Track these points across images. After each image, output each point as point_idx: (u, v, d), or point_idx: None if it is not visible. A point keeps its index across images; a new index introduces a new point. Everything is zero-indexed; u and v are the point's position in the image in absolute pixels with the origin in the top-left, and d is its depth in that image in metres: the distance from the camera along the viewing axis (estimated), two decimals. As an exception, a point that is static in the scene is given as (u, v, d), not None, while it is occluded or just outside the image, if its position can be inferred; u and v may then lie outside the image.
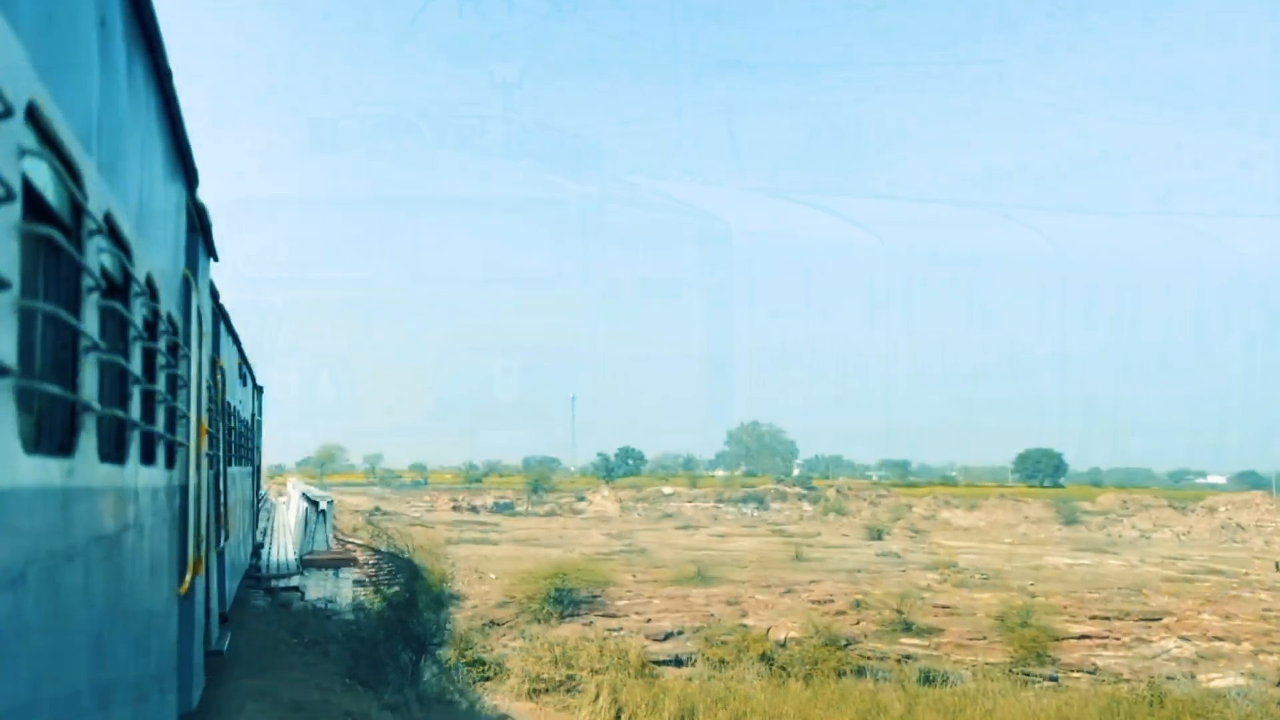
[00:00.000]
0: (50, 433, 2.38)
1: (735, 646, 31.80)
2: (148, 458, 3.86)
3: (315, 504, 13.04)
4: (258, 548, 18.89)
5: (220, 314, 8.61)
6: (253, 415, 15.89)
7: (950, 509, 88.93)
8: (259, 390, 17.78)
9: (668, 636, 33.50)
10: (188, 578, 5.34)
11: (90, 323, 2.60)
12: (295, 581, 12.03)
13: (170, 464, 4.64)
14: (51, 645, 2.19)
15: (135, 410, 3.46)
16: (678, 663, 32.01)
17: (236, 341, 11.17)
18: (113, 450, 3.14)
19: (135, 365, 3.43)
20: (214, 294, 7.92)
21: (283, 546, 15.95)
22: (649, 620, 34.65)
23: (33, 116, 1.97)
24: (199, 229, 5.97)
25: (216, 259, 7.22)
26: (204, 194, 5.88)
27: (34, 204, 2.08)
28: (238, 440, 11.42)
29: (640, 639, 32.66)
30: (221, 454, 8.61)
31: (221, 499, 8.46)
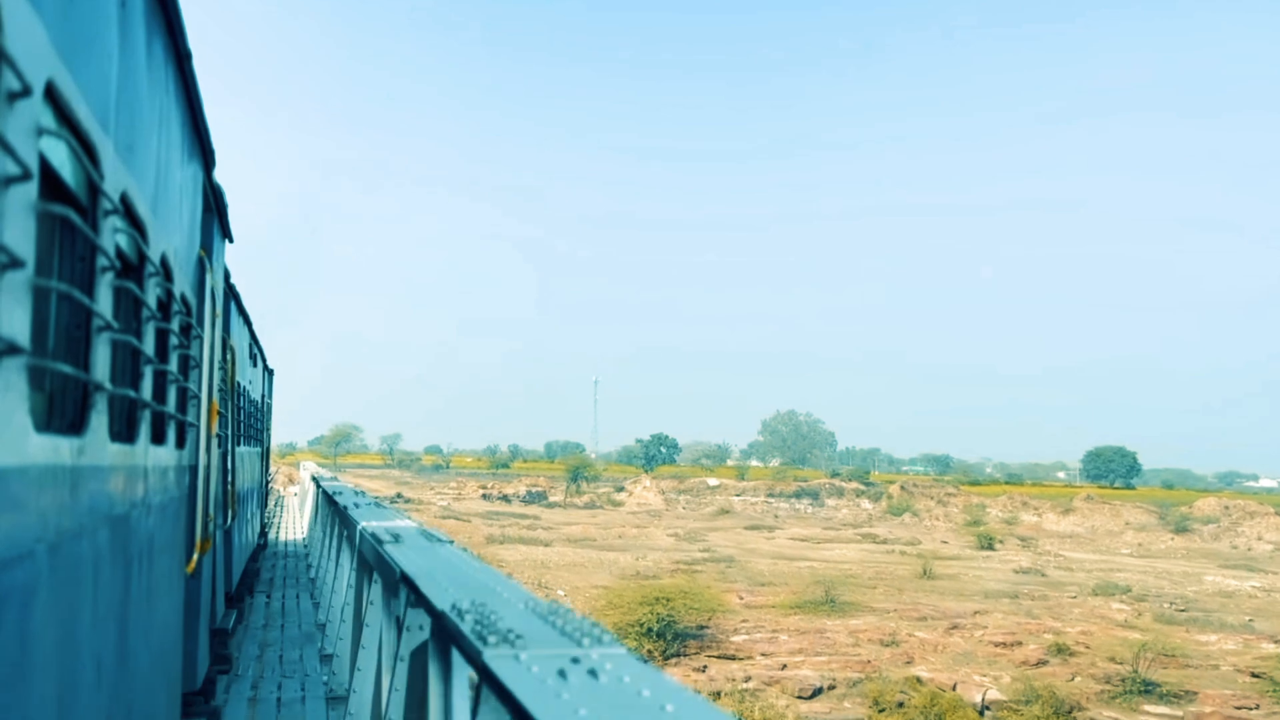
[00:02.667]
0: (61, 411, 2.39)
1: (921, 713, 22.47)
2: (158, 437, 3.86)
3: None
4: (264, 528, 18.26)
5: (231, 293, 8.44)
6: (262, 396, 15.43)
7: (1031, 510, 79.52)
8: (269, 372, 17.48)
9: (817, 692, 24.25)
10: (195, 557, 5.27)
11: (104, 303, 2.60)
12: None
13: (180, 444, 4.62)
14: (59, 622, 2.17)
15: (147, 390, 3.46)
16: (840, 732, 22.78)
17: (247, 322, 11.05)
18: (123, 429, 3.16)
19: (148, 345, 3.44)
20: (224, 273, 7.80)
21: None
22: (783, 666, 25.57)
23: (51, 95, 1.97)
24: (215, 210, 5.91)
25: (232, 240, 7.16)
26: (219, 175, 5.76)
27: (50, 183, 2.10)
28: (246, 421, 11.13)
29: (785, 696, 23.39)
30: (230, 434, 8.44)
31: (229, 479, 8.32)
